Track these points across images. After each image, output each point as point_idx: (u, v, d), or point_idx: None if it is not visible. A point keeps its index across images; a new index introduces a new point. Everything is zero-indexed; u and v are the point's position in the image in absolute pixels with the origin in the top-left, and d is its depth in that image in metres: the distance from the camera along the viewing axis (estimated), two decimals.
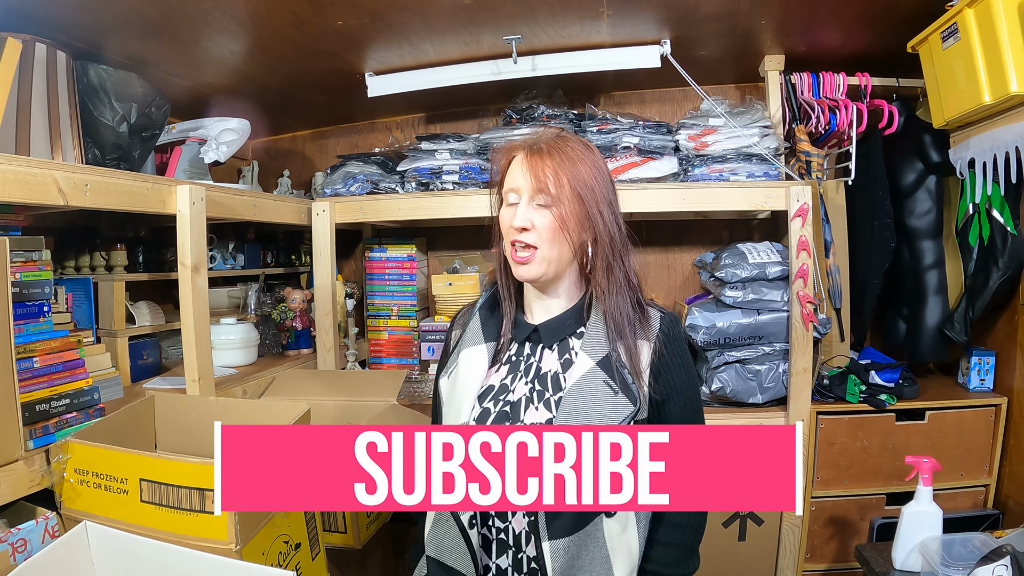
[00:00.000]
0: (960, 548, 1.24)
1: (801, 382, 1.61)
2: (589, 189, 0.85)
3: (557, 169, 0.85)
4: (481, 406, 0.90)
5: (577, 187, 0.85)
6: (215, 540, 0.97)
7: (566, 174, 0.84)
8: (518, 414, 0.87)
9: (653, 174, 1.73)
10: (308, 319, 2.02)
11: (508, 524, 0.87)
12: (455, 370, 0.95)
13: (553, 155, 0.86)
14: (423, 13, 1.48)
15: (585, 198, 0.85)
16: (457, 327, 1.02)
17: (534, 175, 0.85)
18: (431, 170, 1.85)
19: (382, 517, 1.56)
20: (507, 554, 0.87)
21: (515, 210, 0.87)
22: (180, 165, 1.74)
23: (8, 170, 1.00)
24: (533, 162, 0.86)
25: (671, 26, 1.62)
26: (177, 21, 1.41)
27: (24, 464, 1.03)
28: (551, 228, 0.85)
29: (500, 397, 0.90)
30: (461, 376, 0.93)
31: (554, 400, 0.87)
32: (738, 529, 1.67)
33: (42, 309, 1.13)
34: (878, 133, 1.75)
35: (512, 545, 0.87)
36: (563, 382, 0.88)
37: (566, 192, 0.84)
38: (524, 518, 0.85)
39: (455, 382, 0.93)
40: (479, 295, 1.02)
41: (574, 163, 0.86)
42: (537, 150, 0.87)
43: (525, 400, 0.88)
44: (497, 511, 0.87)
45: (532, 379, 0.90)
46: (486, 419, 0.88)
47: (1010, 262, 1.55)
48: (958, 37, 1.38)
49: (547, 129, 0.91)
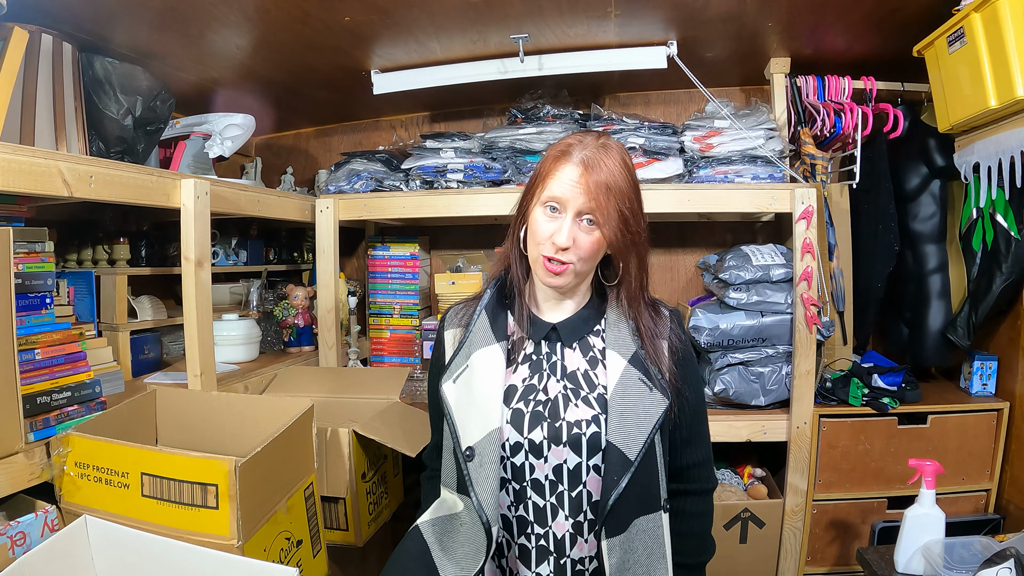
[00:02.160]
0: (963, 551, 1.24)
1: (804, 384, 1.61)
2: (633, 213, 0.85)
3: (608, 191, 0.83)
4: (511, 408, 0.87)
5: (624, 211, 0.84)
6: (217, 536, 0.96)
7: (615, 198, 0.83)
8: (557, 413, 0.86)
9: (658, 175, 1.73)
10: (310, 316, 2.01)
11: (548, 529, 0.86)
12: (467, 373, 0.89)
13: (603, 172, 0.83)
14: (431, 10, 1.47)
15: (628, 221, 0.85)
16: (454, 326, 0.96)
17: (586, 195, 0.83)
18: (435, 168, 1.84)
19: (384, 515, 1.55)
20: (548, 561, 0.86)
21: (558, 224, 0.84)
22: (184, 160, 1.73)
23: (13, 160, 1.00)
24: (586, 179, 0.83)
25: (678, 27, 1.62)
26: (183, 14, 1.41)
27: (24, 457, 1.02)
28: (592, 249, 0.86)
29: (530, 397, 0.88)
30: (478, 379, 0.88)
31: (593, 398, 0.87)
32: (739, 531, 1.66)
33: (44, 301, 1.12)
34: (883, 137, 1.76)
35: (554, 551, 0.86)
36: (595, 379, 0.88)
37: (613, 217, 0.83)
38: (567, 521, 0.85)
39: (470, 386, 0.88)
40: (474, 293, 0.99)
41: (621, 183, 0.84)
42: (591, 166, 0.84)
43: (562, 399, 0.87)
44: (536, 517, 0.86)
45: (562, 377, 0.89)
46: (521, 420, 0.86)
47: (1014, 267, 1.56)
48: (964, 41, 1.38)
49: (595, 136, 0.88)
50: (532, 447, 0.85)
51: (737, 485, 1.77)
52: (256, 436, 1.09)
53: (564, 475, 0.85)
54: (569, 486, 0.85)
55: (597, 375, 0.89)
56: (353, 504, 1.39)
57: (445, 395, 0.90)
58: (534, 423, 0.86)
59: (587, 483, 0.85)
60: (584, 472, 0.85)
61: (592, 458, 0.85)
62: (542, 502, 0.86)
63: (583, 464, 0.85)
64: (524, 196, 0.91)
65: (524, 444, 0.85)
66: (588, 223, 0.85)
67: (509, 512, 0.88)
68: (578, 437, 0.85)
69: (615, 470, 0.82)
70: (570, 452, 0.84)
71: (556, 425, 0.85)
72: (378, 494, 1.51)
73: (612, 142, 0.88)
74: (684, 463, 0.95)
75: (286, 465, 1.12)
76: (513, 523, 0.88)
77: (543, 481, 0.86)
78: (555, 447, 0.85)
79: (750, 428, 1.65)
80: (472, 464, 0.84)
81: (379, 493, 1.51)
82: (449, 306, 1.01)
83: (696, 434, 0.95)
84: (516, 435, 0.86)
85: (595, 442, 0.85)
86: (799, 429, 1.62)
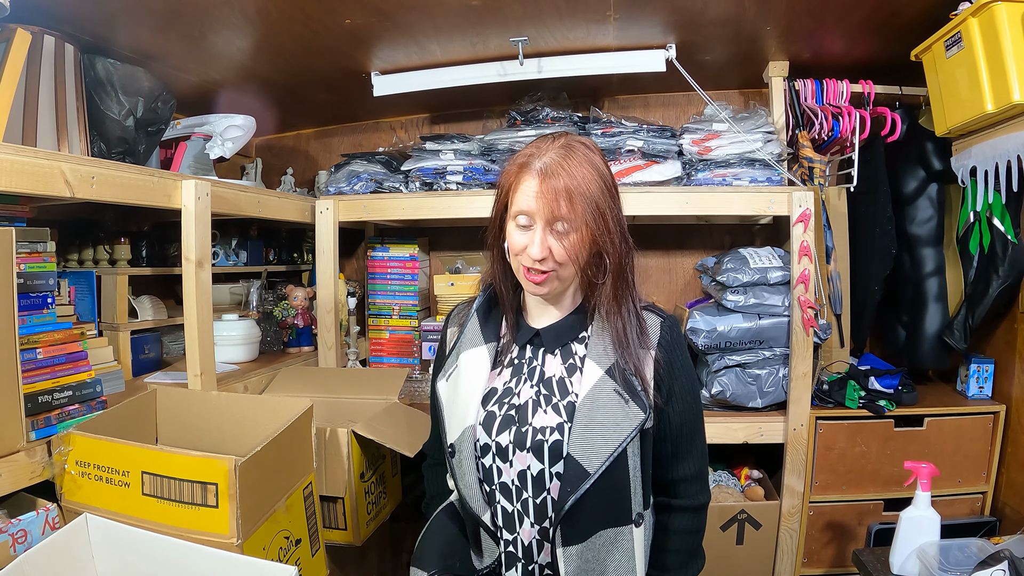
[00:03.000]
0: (958, 553, 1.24)
1: (801, 387, 1.62)
2: (601, 213, 0.82)
3: (572, 194, 0.81)
4: (486, 409, 0.89)
5: (590, 212, 0.82)
6: (216, 534, 0.97)
7: (581, 199, 0.81)
8: (526, 417, 0.86)
9: (656, 177, 1.73)
10: (310, 317, 2.02)
11: (516, 535, 0.86)
12: (455, 373, 0.93)
13: (565, 177, 0.82)
14: (431, 13, 1.48)
15: (597, 222, 0.82)
16: (454, 324, 1.01)
17: (549, 205, 0.81)
18: (435, 170, 1.85)
19: (382, 515, 1.56)
20: (517, 567, 0.86)
21: (530, 236, 0.84)
22: (185, 160, 1.74)
23: (15, 161, 1.00)
24: (546, 188, 0.82)
25: (677, 30, 1.63)
26: (185, 16, 1.42)
27: (25, 455, 1.03)
28: (569, 253, 0.83)
29: (505, 400, 0.89)
30: (463, 379, 0.91)
31: (563, 405, 0.86)
32: (736, 532, 1.67)
33: (46, 301, 1.13)
34: (881, 140, 1.76)
35: (522, 557, 0.86)
36: (570, 387, 0.87)
37: (580, 218, 0.82)
38: (533, 528, 0.85)
39: (456, 385, 0.92)
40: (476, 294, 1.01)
41: (587, 183, 0.82)
42: (550, 174, 0.82)
43: (532, 403, 0.88)
44: (505, 522, 0.87)
45: (537, 383, 0.89)
46: (492, 423, 0.88)
47: (1010, 270, 1.56)
48: (962, 46, 1.39)
49: (554, 139, 0.86)
50: (499, 450, 0.86)
51: (734, 487, 1.78)
52: (256, 436, 1.09)
53: (528, 481, 0.85)
54: (533, 492, 0.85)
55: (572, 382, 0.88)
56: (352, 504, 1.40)
57: (439, 392, 0.96)
58: (503, 427, 0.87)
59: (550, 490, 0.84)
60: (547, 479, 0.84)
61: (555, 465, 0.84)
62: (510, 507, 0.86)
63: (546, 471, 0.84)
64: (495, 208, 0.91)
65: (492, 447, 0.86)
66: (560, 229, 0.83)
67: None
68: (541, 444, 0.84)
69: (571, 480, 0.81)
70: (533, 458, 0.84)
71: (523, 430, 0.85)
72: (377, 494, 1.51)
73: (575, 140, 0.86)
74: (671, 477, 0.92)
75: (285, 465, 1.12)
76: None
77: (510, 486, 0.86)
78: (519, 452, 0.85)
79: (747, 430, 1.66)
80: (454, 461, 0.88)
81: (378, 493, 1.52)
82: (455, 304, 1.04)
83: (685, 449, 0.91)
84: (485, 437, 0.87)
85: (557, 449, 0.83)
86: (796, 431, 1.63)
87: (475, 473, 0.87)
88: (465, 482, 0.87)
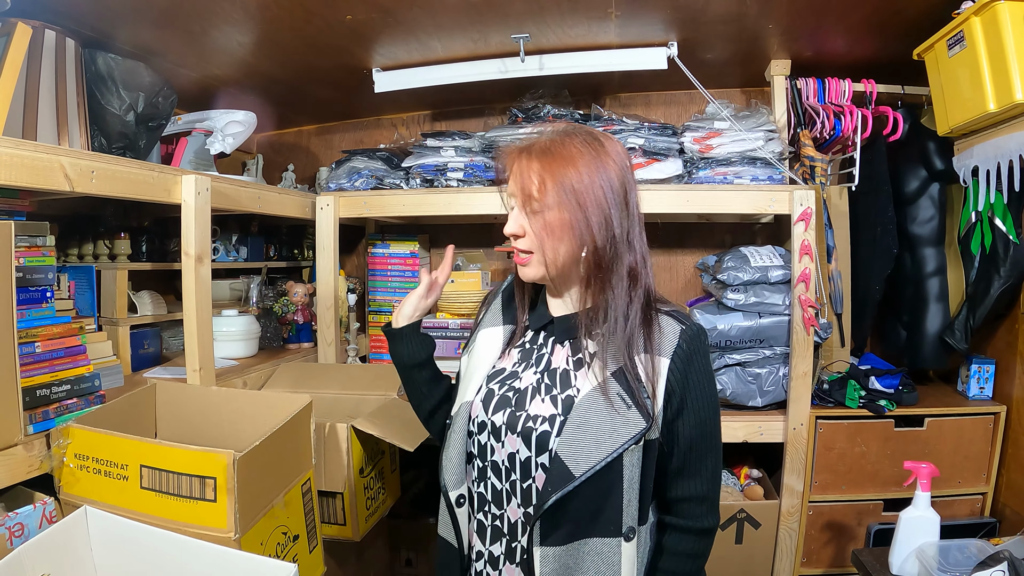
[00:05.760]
0: (957, 554, 1.24)
1: (801, 386, 1.61)
2: (576, 193, 0.80)
3: (542, 173, 0.80)
4: (487, 386, 0.91)
5: (562, 192, 0.80)
6: (214, 528, 0.96)
7: (551, 178, 0.80)
8: (523, 403, 0.87)
9: (657, 175, 1.73)
10: (309, 313, 2.02)
11: (504, 512, 0.87)
12: (472, 349, 0.97)
13: (542, 158, 0.81)
14: (432, 9, 1.48)
15: (568, 203, 0.80)
16: (484, 305, 1.04)
17: (524, 178, 0.82)
18: (436, 167, 1.85)
19: (381, 511, 1.56)
20: (501, 542, 0.88)
21: (511, 215, 0.87)
22: (185, 156, 1.74)
23: (15, 154, 1.00)
24: (521, 166, 0.83)
25: (678, 28, 1.62)
26: (186, 11, 1.42)
27: (23, 449, 1.03)
28: (539, 235, 0.82)
29: (507, 381, 0.91)
30: (475, 355, 0.95)
31: (561, 397, 0.85)
32: (735, 532, 1.67)
33: (45, 295, 1.13)
34: (882, 140, 1.76)
35: (507, 534, 0.87)
36: (573, 381, 0.86)
37: (550, 198, 0.80)
38: (519, 509, 0.86)
39: (471, 359, 0.96)
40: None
41: (565, 165, 0.80)
42: (528, 153, 0.83)
43: (532, 390, 0.88)
44: (494, 498, 0.88)
45: (542, 371, 0.89)
46: (490, 400, 0.89)
47: (1011, 271, 1.56)
48: (964, 45, 1.38)
49: (555, 125, 0.88)
50: (493, 429, 0.87)
51: (733, 486, 1.78)
52: (255, 431, 1.09)
53: (516, 464, 0.85)
54: (520, 476, 0.85)
55: (576, 377, 0.86)
56: (351, 499, 1.40)
57: (461, 365, 0.99)
58: (499, 407, 0.88)
59: (535, 479, 0.83)
60: (534, 467, 0.83)
61: (541, 456, 0.83)
62: (499, 485, 0.88)
63: (532, 459, 0.83)
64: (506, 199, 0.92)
65: (488, 424, 0.88)
66: (535, 208, 0.82)
67: (473, 487, 0.91)
68: (530, 431, 0.83)
69: (555, 480, 0.79)
70: (522, 444, 0.84)
71: (517, 414, 0.86)
72: (375, 489, 1.51)
73: (577, 130, 0.85)
74: (674, 495, 0.87)
75: (284, 460, 1.12)
76: (475, 499, 0.90)
77: (500, 465, 0.87)
78: (510, 435, 0.85)
79: (747, 429, 1.65)
80: (449, 430, 0.90)
81: (376, 488, 1.52)
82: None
83: (693, 467, 0.85)
84: (483, 414, 0.89)
85: (543, 440, 0.82)
86: (796, 430, 1.62)
87: (461, 445, 0.89)
88: (448, 455, 0.89)
